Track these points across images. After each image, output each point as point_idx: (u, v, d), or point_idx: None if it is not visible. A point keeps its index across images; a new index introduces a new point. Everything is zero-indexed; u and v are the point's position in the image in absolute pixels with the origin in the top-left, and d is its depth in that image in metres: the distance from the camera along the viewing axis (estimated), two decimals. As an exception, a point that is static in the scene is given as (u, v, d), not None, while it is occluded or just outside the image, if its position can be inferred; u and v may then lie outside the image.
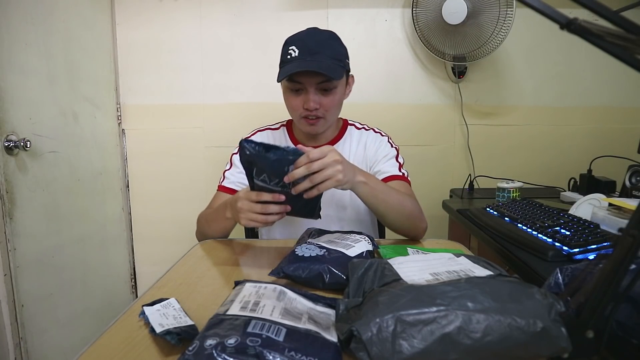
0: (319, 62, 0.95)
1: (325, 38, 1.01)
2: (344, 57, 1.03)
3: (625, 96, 1.78)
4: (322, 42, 0.99)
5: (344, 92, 1.06)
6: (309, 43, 0.98)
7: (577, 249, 0.79)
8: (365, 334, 0.41)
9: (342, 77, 1.00)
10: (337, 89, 1.01)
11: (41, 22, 1.31)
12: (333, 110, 1.04)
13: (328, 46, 0.99)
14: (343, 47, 1.04)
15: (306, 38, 0.99)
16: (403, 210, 0.93)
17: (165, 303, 0.59)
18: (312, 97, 0.99)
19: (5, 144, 1.14)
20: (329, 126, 1.09)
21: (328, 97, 1.00)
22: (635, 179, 1.20)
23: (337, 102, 1.04)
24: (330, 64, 0.97)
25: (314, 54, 0.96)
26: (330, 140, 1.14)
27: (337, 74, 0.97)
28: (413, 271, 0.56)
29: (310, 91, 0.99)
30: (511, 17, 1.50)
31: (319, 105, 1.00)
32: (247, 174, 0.78)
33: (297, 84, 0.99)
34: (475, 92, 1.76)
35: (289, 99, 1.03)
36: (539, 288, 0.46)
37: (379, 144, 1.13)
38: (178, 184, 1.81)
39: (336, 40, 1.03)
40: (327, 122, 1.05)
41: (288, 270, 0.68)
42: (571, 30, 0.33)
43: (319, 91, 1.00)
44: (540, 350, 0.41)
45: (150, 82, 1.75)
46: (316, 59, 0.96)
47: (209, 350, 0.40)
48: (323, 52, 0.97)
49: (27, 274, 1.21)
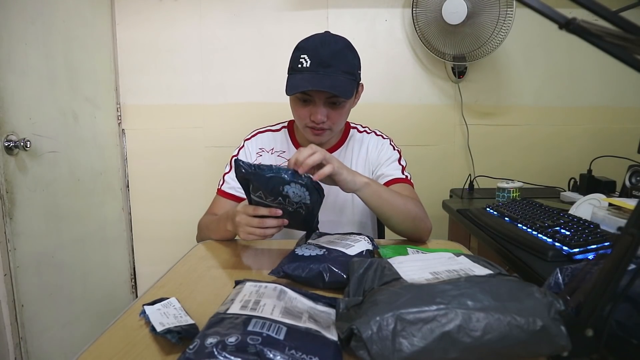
0: (332, 79, 0.92)
1: (340, 48, 0.96)
2: (356, 68, 0.98)
3: (625, 96, 1.78)
4: (336, 54, 0.94)
5: (352, 102, 1.03)
6: (322, 54, 0.93)
7: (577, 249, 0.79)
8: (366, 332, 0.42)
9: (352, 94, 0.96)
10: (345, 103, 0.98)
11: (41, 22, 1.31)
12: (341, 122, 1.02)
13: (342, 58, 0.94)
14: (357, 57, 1.00)
15: (320, 47, 0.94)
16: (408, 212, 0.92)
17: (166, 302, 0.59)
18: (320, 110, 0.96)
19: (5, 144, 1.14)
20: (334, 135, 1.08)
21: (336, 110, 0.98)
22: (635, 179, 1.20)
23: (345, 115, 1.02)
24: (343, 80, 0.93)
25: (327, 67, 0.92)
26: (334, 145, 1.12)
27: (348, 92, 0.93)
28: (413, 270, 0.57)
29: (318, 104, 0.96)
30: (511, 17, 1.50)
31: (327, 118, 0.97)
32: (244, 189, 0.79)
33: (306, 95, 0.96)
34: (475, 92, 1.76)
35: (295, 108, 1.00)
36: (539, 287, 0.46)
37: (381, 147, 1.12)
38: (178, 184, 1.81)
39: (351, 51, 0.98)
40: (333, 133, 1.03)
41: (288, 269, 0.68)
42: (570, 30, 0.33)
43: (328, 104, 0.97)
44: (540, 349, 0.41)
45: (150, 82, 1.75)
46: (328, 73, 0.92)
47: (209, 349, 0.40)
48: (336, 65, 0.93)
49: (27, 274, 1.21)
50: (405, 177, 1.07)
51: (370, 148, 1.12)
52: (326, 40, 0.96)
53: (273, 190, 0.74)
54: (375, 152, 1.12)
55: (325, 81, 0.92)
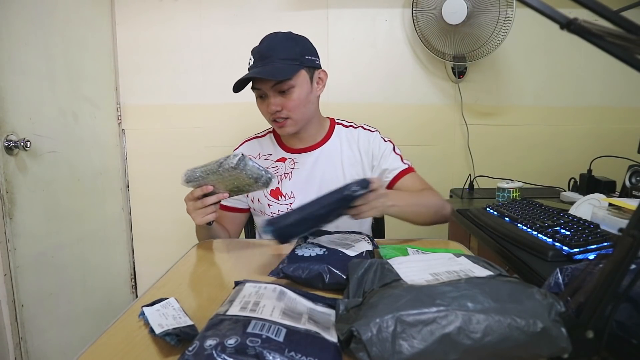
0: (269, 67, 0.98)
1: (279, 40, 1.02)
2: (299, 55, 1.02)
3: (625, 96, 1.77)
4: (273, 45, 1.00)
5: (309, 89, 1.04)
6: (261, 49, 1.01)
7: (577, 249, 0.79)
8: (365, 334, 0.41)
9: (291, 75, 0.99)
10: (294, 89, 1.01)
11: (41, 22, 1.31)
12: (298, 109, 1.03)
13: (280, 48, 1.00)
14: (300, 45, 1.03)
15: (260, 45, 1.02)
16: (429, 209, 1.02)
17: (165, 303, 0.59)
18: (271, 100, 1.01)
19: (5, 144, 1.14)
20: (302, 125, 1.07)
21: (288, 97, 1.01)
22: (635, 179, 1.20)
23: (300, 101, 1.03)
24: (280, 65, 0.98)
25: (265, 58, 0.99)
26: (319, 141, 1.14)
27: (282, 74, 0.98)
28: (413, 271, 0.56)
29: (269, 95, 1.01)
30: (511, 17, 1.50)
31: (281, 106, 1.02)
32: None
33: (258, 90, 1.03)
34: (475, 92, 1.76)
35: (259, 106, 1.07)
36: (539, 288, 0.46)
37: (372, 140, 1.14)
38: (178, 184, 1.79)
39: (291, 40, 1.03)
40: (296, 121, 1.05)
41: (288, 270, 0.68)
42: (571, 30, 0.33)
43: (278, 93, 1.01)
44: (540, 351, 0.41)
45: (150, 82, 1.75)
46: (266, 63, 0.99)
47: (208, 351, 0.40)
48: (274, 55, 0.99)
49: (27, 274, 1.21)
50: (407, 165, 1.13)
51: (361, 143, 1.14)
52: (268, 37, 1.04)
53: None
54: (367, 147, 1.14)
55: (262, 70, 0.98)
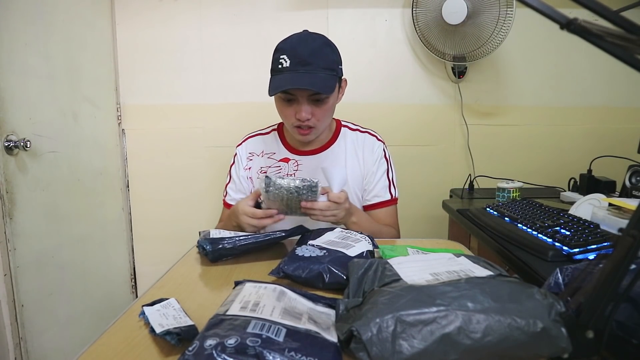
0: (312, 76, 0.94)
1: (319, 46, 0.98)
2: (336, 64, 1.00)
3: (625, 96, 1.77)
4: (314, 51, 0.96)
5: (336, 98, 1.05)
6: (300, 53, 0.95)
7: (577, 249, 0.79)
8: (365, 334, 0.41)
9: (334, 90, 0.99)
10: (329, 99, 1.00)
11: (41, 22, 1.31)
12: (325, 118, 1.04)
13: (321, 55, 0.97)
14: (336, 52, 1.02)
15: (298, 46, 0.97)
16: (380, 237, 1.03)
17: (165, 303, 0.59)
18: (304, 107, 0.98)
19: (5, 144, 1.14)
20: (321, 133, 1.09)
21: (320, 107, 1.00)
22: (635, 179, 1.20)
23: (329, 111, 1.04)
24: (323, 76, 0.96)
25: (306, 65, 0.95)
26: (325, 143, 1.14)
27: (329, 88, 0.96)
28: (413, 271, 0.56)
29: (302, 102, 0.99)
30: (511, 17, 1.50)
31: (311, 115, 1.00)
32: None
33: (289, 95, 0.99)
34: (475, 92, 1.76)
35: (281, 108, 1.04)
36: (539, 288, 0.46)
37: (376, 152, 1.14)
38: (178, 184, 1.81)
39: (329, 47, 1.00)
40: (319, 130, 1.06)
41: (288, 270, 0.68)
42: (571, 30, 0.33)
43: (311, 102, 0.99)
44: (540, 351, 0.41)
45: (150, 82, 1.75)
46: (308, 70, 0.95)
47: (209, 351, 0.40)
48: (315, 62, 0.95)
49: (27, 274, 1.21)
50: (391, 195, 1.14)
51: (365, 150, 1.14)
52: (304, 38, 0.98)
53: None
54: (369, 156, 1.14)
55: (305, 79, 0.94)
